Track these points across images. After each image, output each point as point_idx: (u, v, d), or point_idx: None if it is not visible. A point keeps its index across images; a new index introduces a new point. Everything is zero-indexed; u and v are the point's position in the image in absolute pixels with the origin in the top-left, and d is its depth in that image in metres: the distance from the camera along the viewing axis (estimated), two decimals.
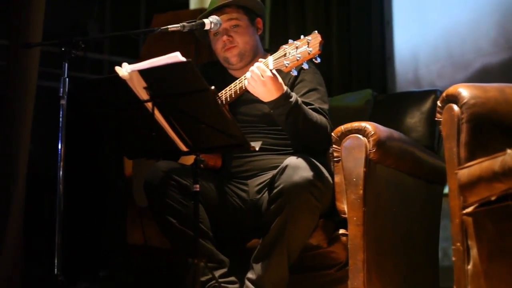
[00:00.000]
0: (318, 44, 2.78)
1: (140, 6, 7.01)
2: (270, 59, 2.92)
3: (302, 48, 2.81)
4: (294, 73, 2.89)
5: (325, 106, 3.26)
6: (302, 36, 2.84)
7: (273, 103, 3.00)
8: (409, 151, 3.31)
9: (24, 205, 4.88)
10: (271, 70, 2.93)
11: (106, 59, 6.72)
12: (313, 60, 2.83)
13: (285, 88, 3.01)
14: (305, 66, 2.84)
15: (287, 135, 3.23)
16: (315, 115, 3.13)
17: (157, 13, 5.23)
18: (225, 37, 3.32)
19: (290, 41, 2.88)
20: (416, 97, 3.79)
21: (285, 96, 3.00)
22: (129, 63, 2.71)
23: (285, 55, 2.87)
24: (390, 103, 3.95)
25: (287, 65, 2.85)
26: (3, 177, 4.96)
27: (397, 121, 3.71)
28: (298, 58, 2.82)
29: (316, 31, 2.82)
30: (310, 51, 2.79)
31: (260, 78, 2.93)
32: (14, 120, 4.96)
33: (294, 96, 3.04)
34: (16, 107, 4.96)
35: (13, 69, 5.04)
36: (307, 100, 3.21)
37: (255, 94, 3.02)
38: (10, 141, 4.96)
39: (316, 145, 3.17)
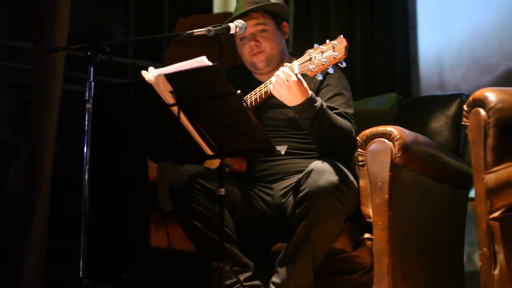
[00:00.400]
0: (343, 49, 2.78)
1: (164, 10, 7.04)
2: (296, 63, 2.92)
3: (328, 53, 2.81)
4: (320, 77, 2.88)
5: (350, 111, 3.25)
6: (327, 41, 2.84)
7: (298, 108, 3.00)
8: (435, 155, 3.30)
9: (49, 207, 4.91)
10: (296, 75, 2.93)
11: (130, 63, 6.75)
12: (339, 64, 2.82)
13: (310, 92, 3.01)
14: (331, 70, 2.84)
15: (312, 139, 3.23)
16: (340, 120, 3.13)
17: (181, 17, 5.24)
18: (252, 43, 3.33)
19: (316, 45, 2.87)
20: (442, 101, 3.77)
21: (310, 101, 3.00)
22: (153, 67, 2.72)
23: (310, 59, 2.86)
24: (415, 107, 3.93)
25: (312, 69, 2.85)
26: (28, 179, 5.00)
27: (422, 125, 3.69)
28: (323, 63, 2.81)
29: (341, 36, 2.82)
30: (336, 55, 2.79)
31: (285, 83, 2.93)
32: (40, 123, 5.00)
33: (319, 101, 3.04)
34: (41, 110, 5.00)
35: (38, 73, 5.08)
36: (332, 105, 3.21)
37: (280, 99, 3.02)
38: (35, 144, 5.00)
39: (341, 149, 3.16)
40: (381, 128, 3.10)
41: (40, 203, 4.87)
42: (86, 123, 3.01)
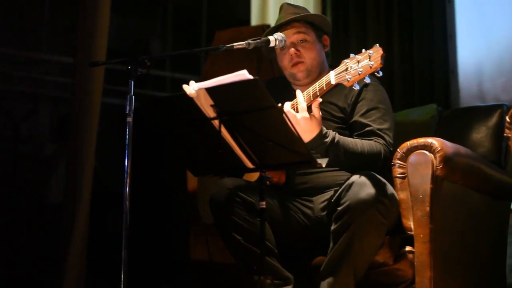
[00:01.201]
0: (379, 58, 2.77)
1: (201, 23, 7.08)
2: (332, 73, 2.91)
3: (364, 62, 2.80)
4: (357, 87, 2.87)
5: (385, 126, 3.21)
6: (363, 50, 2.83)
7: (310, 143, 2.97)
8: (476, 167, 3.27)
9: (89, 221, 4.96)
10: (309, 109, 2.92)
11: (168, 76, 6.79)
12: (375, 73, 2.81)
13: (320, 129, 2.98)
14: (367, 80, 2.82)
15: None
16: (360, 146, 3.09)
17: (218, 30, 5.26)
18: (292, 50, 3.32)
19: (352, 55, 2.87)
20: (482, 112, 3.74)
21: (320, 137, 2.98)
22: (191, 80, 2.73)
23: (346, 69, 2.86)
24: (455, 118, 3.90)
25: (349, 79, 2.84)
26: (68, 193, 5.05)
27: (463, 136, 3.66)
28: (359, 72, 2.80)
29: (377, 45, 2.80)
30: (372, 64, 2.78)
31: (295, 118, 2.92)
32: (79, 137, 5.05)
33: (330, 135, 3.01)
34: (81, 124, 5.06)
35: (78, 87, 5.14)
36: (365, 121, 3.19)
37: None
38: (75, 157, 5.05)
39: (368, 169, 3.08)
40: (421, 140, 3.08)
41: (80, 216, 4.91)
42: (127, 136, 3.01)
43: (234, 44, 3.16)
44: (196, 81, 2.71)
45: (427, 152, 3.05)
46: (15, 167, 5.62)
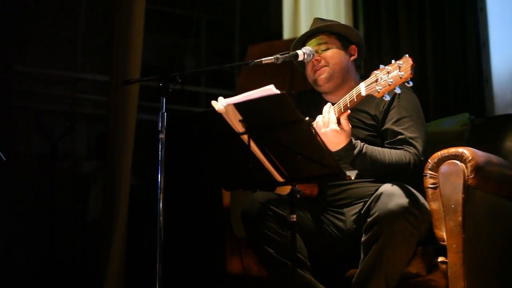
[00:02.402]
0: (409, 68, 2.76)
1: (235, 37, 7.13)
2: (362, 85, 2.92)
3: (394, 73, 2.80)
4: (387, 98, 2.86)
5: (416, 134, 3.20)
6: (393, 61, 2.83)
7: (336, 154, 2.99)
8: (509, 175, 3.25)
9: (126, 237, 5.01)
10: (338, 121, 2.94)
11: (202, 91, 6.86)
12: (405, 84, 2.80)
13: (348, 140, 3.00)
14: (398, 90, 2.82)
15: None
16: (388, 156, 3.09)
17: (251, 44, 5.30)
18: (315, 57, 3.35)
19: (382, 66, 2.87)
20: None
21: (347, 149, 3.00)
22: (225, 95, 2.76)
23: (376, 80, 2.86)
24: (488, 127, 3.88)
25: (379, 90, 2.84)
26: (106, 210, 5.12)
27: (495, 144, 3.64)
28: (390, 83, 2.80)
29: (407, 55, 2.80)
30: (402, 75, 2.77)
31: (321, 130, 2.96)
32: (116, 154, 5.12)
33: (358, 147, 3.03)
34: (117, 141, 5.13)
35: (114, 105, 5.22)
36: (397, 129, 3.19)
37: None
38: (112, 174, 5.12)
39: (397, 179, 3.07)
40: (452, 150, 3.08)
41: (117, 232, 4.97)
42: (160, 152, 3.05)
43: (263, 59, 3.19)
44: (230, 96, 2.74)
45: (458, 162, 3.04)
46: (54, 185, 5.70)
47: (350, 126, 3.00)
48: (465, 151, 3.05)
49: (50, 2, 6.32)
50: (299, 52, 3.28)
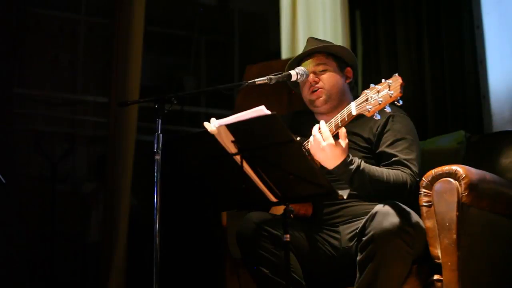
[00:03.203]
0: (399, 87, 2.77)
1: (234, 57, 7.16)
2: (353, 104, 2.94)
3: (383, 92, 2.81)
4: (378, 117, 2.88)
5: (411, 156, 3.20)
6: (383, 80, 2.84)
7: (335, 170, 3.01)
8: (504, 192, 3.26)
9: (126, 258, 5.01)
10: (334, 136, 2.94)
11: (203, 111, 6.88)
12: (395, 102, 2.81)
13: (345, 155, 3.01)
14: (388, 109, 2.83)
15: None
16: (386, 175, 3.09)
17: (250, 64, 5.32)
18: (311, 76, 3.36)
19: (372, 85, 2.88)
20: (510, 136, 3.73)
21: (345, 164, 3.01)
22: (225, 115, 2.77)
23: (367, 100, 2.87)
24: (483, 144, 3.89)
25: (369, 109, 2.85)
26: (106, 231, 5.12)
27: (491, 162, 3.65)
28: (380, 102, 2.82)
29: (396, 74, 2.81)
30: (392, 94, 2.79)
31: (320, 145, 2.95)
32: (116, 175, 5.13)
33: (356, 163, 3.04)
34: (117, 162, 5.14)
35: (113, 126, 5.24)
36: (392, 151, 3.21)
37: (316, 158, 3.02)
38: (112, 195, 5.12)
39: (393, 199, 3.07)
40: (446, 168, 3.09)
41: (117, 253, 4.98)
42: (156, 174, 3.07)
43: (256, 80, 3.21)
44: (229, 116, 2.76)
45: (452, 180, 3.05)
46: (54, 207, 5.72)
47: (347, 141, 3.01)
48: (459, 168, 3.05)
49: (50, 24, 6.37)
50: (292, 72, 3.30)
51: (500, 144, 3.72)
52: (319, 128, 3.00)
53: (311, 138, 3.03)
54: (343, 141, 2.99)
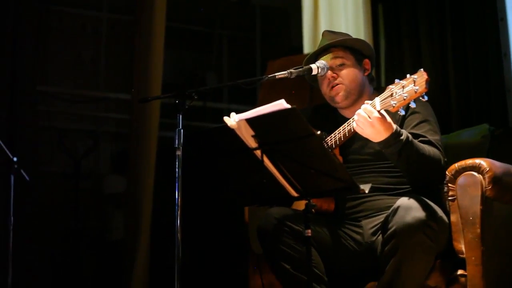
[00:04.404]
0: (424, 82, 2.74)
1: (256, 53, 7.15)
2: (377, 100, 2.91)
3: (409, 87, 2.79)
4: (402, 112, 2.85)
5: (437, 137, 3.19)
6: (408, 75, 2.82)
7: (383, 143, 2.99)
8: None
9: (150, 254, 5.03)
10: (378, 111, 2.91)
11: (225, 107, 6.87)
12: (421, 98, 2.79)
13: (395, 126, 2.98)
14: (413, 105, 2.81)
15: (400, 171, 3.19)
16: (427, 149, 3.08)
17: (272, 58, 5.30)
18: (329, 73, 3.33)
19: (397, 80, 2.86)
20: None
21: (395, 135, 2.97)
22: (247, 111, 2.75)
23: (391, 95, 2.85)
24: (508, 137, 3.85)
25: (394, 105, 2.83)
26: (129, 227, 5.14)
27: None
28: (405, 98, 2.79)
29: (421, 69, 2.79)
30: (417, 89, 2.76)
31: (367, 120, 2.92)
32: (138, 171, 5.14)
33: (404, 134, 3.01)
34: (139, 159, 5.16)
35: (135, 122, 5.25)
36: (419, 132, 3.17)
37: (365, 136, 3.00)
38: (134, 192, 5.14)
39: (431, 178, 3.10)
40: (470, 161, 3.05)
41: (141, 250, 4.99)
42: (177, 169, 3.06)
43: (277, 74, 3.19)
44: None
45: (475, 173, 3.02)
46: (77, 204, 5.75)
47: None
48: (483, 162, 3.02)
49: (73, 22, 6.41)
50: (313, 66, 3.27)
51: None
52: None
53: (355, 117, 2.98)
54: (386, 116, 2.96)
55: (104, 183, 6.30)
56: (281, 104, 2.60)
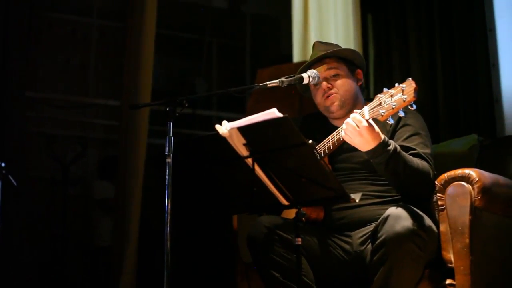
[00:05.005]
0: (412, 91, 2.76)
1: (245, 61, 7.16)
2: (366, 108, 2.92)
3: (397, 96, 2.80)
4: (391, 121, 2.86)
5: (428, 151, 3.20)
6: (396, 84, 2.83)
7: (371, 153, 3.00)
8: None
9: (137, 260, 5.01)
10: (367, 120, 2.92)
11: (214, 115, 6.88)
12: (409, 107, 2.80)
13: (383, 136, 3.00)
14: (401, 113, 2.82)
15: (388, 182, 3.20)
16: (416, 161, 3.09)
17: (262, 67, 5.31)
18: (324, 84, 3.34)
19: (385, 89, 2.87)
20: None
21: (383, 145, 2.99)
22: (236, 118, 2.75)
23: (380, 104, 2.86)
24: (496, 148, 3.86)
25: (383, 114, 2.84)
26: (117, 233, 5.12)
27: (504, 165, 3.63)
28: (393, 107, 2.80)
29: (410, 78, 2.80)
30: (405, 98, 2.77)
31: (355, 129, 2.93)
32: (126, 177, 5.13)
33: (392, 144, 3.03)
34: (128, 165, 5.14)
35: (124, 129, 5.24)
36: (409, 145, 3.19)
37: (353, 145, 3.02)
38: (123, 198, 5.12)
39: (418, 191, 3.12)
40: (459, 171, 3.06)
41: (128, 256, 4.97)
42: (167, 177, 3.05)
43: (268, 82, 3.19)
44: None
45: (464, 183, 3.03)
46: (65, 209, 5.73)
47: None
48: (472, 172, 3.03)
49: (62, 28, 6.40)
50: (304, 75, 3.28)
51: None
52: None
53: (343, 125, 2.99)
54: (374, 125, 2.97)
55: (93, 188, 6.28)
56: (273, 113, 2.61)
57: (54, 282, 5.58)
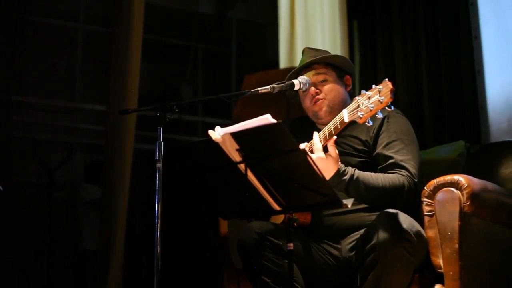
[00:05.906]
0: (389, 92, 2.77)
1: (231, 67, 7.17)
2: (345, 111, 2.94)
3: (374, 98, 2.82)
4: (370, 123, 2.88)
5: (408, 156, 3.20)
6: (373, 86, 2.85)
7: (330, 182, 3.00)
8: (505, 202, 3.26)
9: (123, 266, 5.00)
10: (325, 149, 2.95)
11: (200, 120, 6.88)
12: (386, 108, 2.81)
13: (338, 166, 3.02)
14: (379, 115, 2.84)
15: None
16: (381, 180, 3.10)
17: (248, 73, 5.32)
18: (312, 89, 3.36)
19: (363, 91, 2.89)
20: (510, 147, 3.74)
21: (338, 175, 3.03)
22: (222, 124, 2.77)
23: (358, 106, 2.87)
24: (484, 154, 3.89)
25: (361, 116, 2.85)
26: (103, 238, 5.11)
27: (492, 172, 3.65)
28: (371, 108, 2.82)
29: (386, 79, 2.81)
30: (382, 99, 2.79)
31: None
32: (113, 182, 5.12)
33: (349, 172, 3.05)
34: (114, 170, 5.13)
35: (111, 134, 5.23)
36: (387, 153, 3.20)
37: None
38: (109, 203, 5.11)
39: (393, 204, 3.09)
40: (448, 177, 3.09)
41: (114, 261, 4.96)
42: (157, 182, 3.06)
43: (260, 88, 3.21)
44: (227, 125, 2.76)
45: (454, 189, 3.05)
46: (51, 214, 5.71)
47: (337, 152, 3.02)
48: (461, 178, 3.06)
49: (48, 32, 6.38)
50: (295, 81, 3.30)
51: (500, 154, 3.73)
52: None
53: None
54: (333, 151, 2.99)
55: (80, 190, 6.26)
56: (267, 119, 2.62)
57: (40, 286, 5.56)
